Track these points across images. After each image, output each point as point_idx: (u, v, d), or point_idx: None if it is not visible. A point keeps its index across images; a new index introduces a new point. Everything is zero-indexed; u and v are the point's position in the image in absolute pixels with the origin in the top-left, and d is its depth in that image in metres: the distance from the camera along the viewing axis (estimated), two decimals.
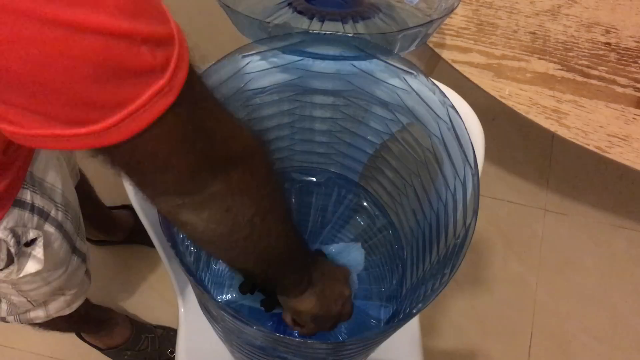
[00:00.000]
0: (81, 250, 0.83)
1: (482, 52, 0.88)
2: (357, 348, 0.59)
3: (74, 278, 0.83)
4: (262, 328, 0.52)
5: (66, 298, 0.85)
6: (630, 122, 0.85)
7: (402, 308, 0.74)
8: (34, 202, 0.65)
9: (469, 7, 0.91)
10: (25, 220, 0.64)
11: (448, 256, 0.59)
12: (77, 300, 0.88)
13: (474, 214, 0.57)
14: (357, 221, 0.87)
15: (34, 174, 0.66)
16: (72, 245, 0.78)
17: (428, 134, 0.65)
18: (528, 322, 1.32)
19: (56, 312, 0.85)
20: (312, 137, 0.79)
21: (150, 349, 1.21)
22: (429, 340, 1.29)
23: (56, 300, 0.83)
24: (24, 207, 0.63)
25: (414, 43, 0.82)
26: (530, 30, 0.90)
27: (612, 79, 0.88)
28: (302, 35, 0.60)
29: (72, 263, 0.80)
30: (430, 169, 0.67)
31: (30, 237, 0.66)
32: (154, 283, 1.32)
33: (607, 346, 1.31)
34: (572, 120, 0.85)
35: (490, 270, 1.37)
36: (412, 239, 0.76)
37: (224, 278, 0.84)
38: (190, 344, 0.85)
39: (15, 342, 1.26)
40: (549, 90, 0.87)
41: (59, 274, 0.77)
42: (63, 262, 0.77)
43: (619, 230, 1.42)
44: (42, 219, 0.67)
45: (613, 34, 0.91)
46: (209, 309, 0.63)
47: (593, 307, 1.34)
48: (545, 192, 1.45)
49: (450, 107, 0.60)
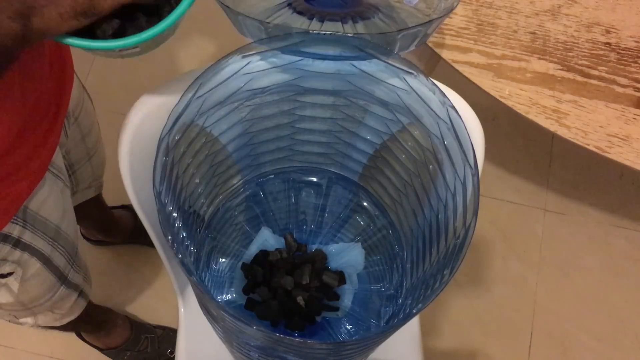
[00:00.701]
0: (73, 281, 0.82)
1: (482, 52, 0.88)
2: (357, 348, 0.59)
3: (61, 304, 0.83)
4: (262, 328, 0.52)
5: (55, 316, 0.85)
6: (630, 122, 0.85)
7: (402, 308, 0.74)
8: (22, 237, 0.64)
9: (469, 7, 0.91)
10: (5, 254, 0.64)
11: (448, 256, 0.59)
12: (67, 317, 0.88)
13: (474, 214, 0.57)
14: (357, 221, 0.87)
15: (29, 208, 0.65)
16: (62, 277, 0.78)
17: (428, 134, 0.65)
18: (528, 322, 1.32)
19: (45, 324, 0.85)
20: (312, 137, 0.79)
21: (150, 349, 1.21)
22: (429, 340, 1.29)
23: (44, 315, 0.82)
24: (7, 241, 0.63)
25: (413, 43, 0.82)
26: (530, 30, 0.90)
27: (612, 79, 0.88)
28: (301, 35, 0.60)
29: (58, 293, 0.79)
30: (430, 169, 0.67)
31: (7, 271, 0.66)
32: (154, 283, 1.32)
33: (607, 346, 1.31)
34: (572, 120, 0.85)
35: (490, 270, 1.37)
36: (412, 239, 0.76)
37: (224, 278, 0.84)
38: (190, 344, 0.85)
39: (15, 342, 1.26)
40: (549, 90, 0.87)
41: (40, 302, 0.77)
42: (46, 293, 0.77)
43: (619, 230, 1.42)
44: (27, 253, 0.67)
45: (613, 34, 0.91)
46: (209, 309, 0.63)
47: (593, 307, 1.34)
48: (545, 192, 1.45)
49: (450, 107, 0.60)
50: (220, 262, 0.84)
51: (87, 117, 0.81)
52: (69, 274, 0.79)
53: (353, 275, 0.85)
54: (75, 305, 0.87)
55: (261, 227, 0.86)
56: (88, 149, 0.84)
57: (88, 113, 0.82)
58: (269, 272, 0.80)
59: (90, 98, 0.84)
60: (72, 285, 0.83)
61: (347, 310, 0.82)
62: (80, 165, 0.85)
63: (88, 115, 0.82)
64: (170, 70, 1.47)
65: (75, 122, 0.77)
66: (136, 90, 0.63)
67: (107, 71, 1.50)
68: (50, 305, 0.80)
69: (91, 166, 0.88)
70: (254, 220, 0.87)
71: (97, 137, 0.88)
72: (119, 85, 1.46)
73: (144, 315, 1.29)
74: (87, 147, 0.84)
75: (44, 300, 0.77)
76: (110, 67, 1.50)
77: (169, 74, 1.42)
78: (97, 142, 0.88)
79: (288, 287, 0.78)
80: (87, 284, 0.89)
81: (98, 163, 0.92)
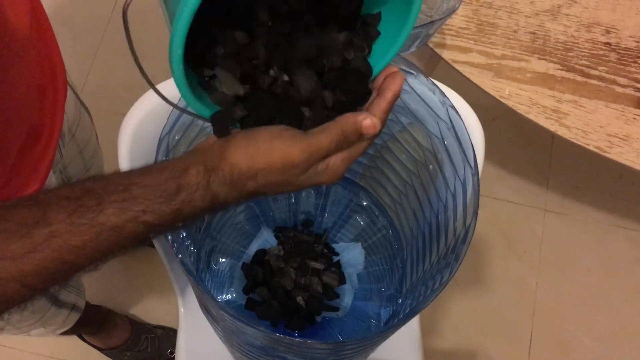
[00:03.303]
0: (65, 301, 0.82)
1: (482, 52, 0.88)
2: (357, 348, 0.59)
3: (52, 321, 0.82)
4: (262, 328, 0.52)
5: (47, 330, 0.84)
6: (630, 122, 0.85)
7: (402, 308, 0.74)
8: None
9: (469, 7, 0.91)
10: None
11: (448, 256, 0.59)
12: (60, 329, 0.88)
13: (474, 214, 0.57)
14: (357, 221, 0.87)
15: None
16: (53, 298, 0.77)
17: (428, 134, 0.65)
18: (528, 322, 1.32)
19: (38, 336, 0.84)
20: None
21: (150, 349, 1.21)
22: (429, 340, 1.29)
23: (37, 330, 0.82)
24: None
25: (414, 43, 0.82)
26: (530, 30, 0.90)
27: (612, 79, 0.88)
28: None
29: (49, 313, 0.79)
30: (430, 169, 0.67)
31: None
32: (154, 283, 1.32)
33: (607, 346, 1.31)
34: (572, 120, 0.85)
35: (490, 270, 1.37)
36: (412, 239, 0.76)
37: (224, 278, 0.84)
38: (190, 344, 0.85)
39: (15, 342, 1.26)
40: (549, 90, 0.87)
41: (29, 323, 0.76)
42: (35, 314, 0.76)
43: (619, 230, 1.42)
44: None
45: (613, 34, 0.91)
46: (209, 309, 0.63)
47: (593, 307, 1.34)
48: (545, 192, 1.45)
49: (450, 107, 0.60)
50: (220, 262, 0.84)
51: (85, 131, 0.80)
52: (61, 294, 0.79)
53: (353, 275, 0.85)
54: (67, 320, 0.86)
55: (261, 227, 0.86)
56: (85, 162, 0.83)
57: (85, 127, 0.80)
58: (269, 272, 0.80)
59: (87, 111, 0.83)
60: (64, 304, 0.82)
61: (347, 310, 0.82)
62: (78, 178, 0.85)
63: (85, 129, 0.80)
64: (170, 70, 1.47)
65: (72, 139, 0.76)
66: (136, 90, 0.63)
67: (107, 71, 1.50)
68: (42, 323, 0.79)
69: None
70: (254, 220, 0.87)
71: (94, 148, 0.86)
72: (119, 85, 1.46)
73: (144, 316, 1.29)
74: (84, 160, 0.83)
75: (34, 321, 0.77)
76: (110, 67, 1.50)
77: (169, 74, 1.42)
78: (95, 153, 0.87)
79: (288, 287, 0.78)
80: (80, 298, 0.88)
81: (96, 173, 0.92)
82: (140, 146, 0.67)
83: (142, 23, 1.16)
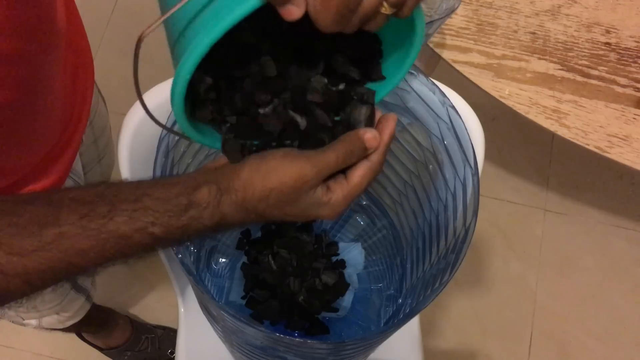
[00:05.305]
0: (82, 285, 0.82)
1: (482, 52, 0.88)
2: (357, 348, 0.59)
3: (68, 307, 0.83)
4: (262, 328, 0.52)
5: (60, 318, 0.85)
6: (630, 122, 0.85)
7: (402, 308, 0.74)
8: None
9: (469, 7, 0.91)
10: None
11: (448, 256, 0.59)
12: (71, 320, 0.89)
13: (474, 214, 0.57)
14: (357, 221, 0.87)
15: None
16: (73, 282, 0.78)
17: (428, 134, 0.65)
18: (528, 322, 1.32)
19: (49, 326, 0.85)
20: None
21: (150, 349, 1.21)
22: (429, 340, 1.29)
23: (50, 317, 0.83)
24: None
25: None
26: (530, 30, 0.90)
27: (612, 79, 0.88)
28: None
29: (68, 297, 0.79)
30: (430, 169, 0.67)
31: None
32: (154, 283, 1.32)
33: (607, 346, 1.31)
34: (572, 120, 0.85)
35: (490, 270, 1.37)
36: (412, 239, 0.76)
37: (224, 278, 0.84)
38: (190, 344, 0.85)
39: (15, 342, 1.26)
40: (549, 90, 0.87)
41: (50, 306, 0.77)
42: (58, 297, 0.77)
43: (619, 230, 1.42)
44: None
45: (613, 34, 0.91)
46: (209, 309, 0.63)
47: (593, 307, 1.34)
48: (545, 192, 1.45)
49: (450, 107, 0.60)
50: (220, 262, 0.84)
51: (101, 120, 0.81)
52: (79, 278, 0.79)
53: (353, 275, 0.85)
54: (80, 309, 0.87)
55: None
56: (99, 151, 0.84)
57: (102, 116, 0.81)
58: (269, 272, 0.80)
59: (104, 100, 0.84)
60: (82, 289, 0.83)
61: (347, 310, 0.82)
62: (91, 167, 0.85)
63: (101, 117, 0.81)
64: (170, 70, 1.47)
65: (90, 125, 0.77)
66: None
67: (107, 71, 1.50)
68: (59, 308, 0.80)
69: (100, 168, 0.88)
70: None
71: (108, 139, 0.87)
72: (119, 85, 1.46)
73: (145, 316, 1.29)
74: (98, 149, 0.83)
75: (54, 305, 0.78)
76: (110, 67, 1.50)
77: (169, 74, 1.42)
78: (108, 143, 0.88)
79: (288, 286, 0.78)
80: (93, 288, 0.90)
81: (107, 165, 0.92)
82: (140, 146, 0.67)
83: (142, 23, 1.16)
